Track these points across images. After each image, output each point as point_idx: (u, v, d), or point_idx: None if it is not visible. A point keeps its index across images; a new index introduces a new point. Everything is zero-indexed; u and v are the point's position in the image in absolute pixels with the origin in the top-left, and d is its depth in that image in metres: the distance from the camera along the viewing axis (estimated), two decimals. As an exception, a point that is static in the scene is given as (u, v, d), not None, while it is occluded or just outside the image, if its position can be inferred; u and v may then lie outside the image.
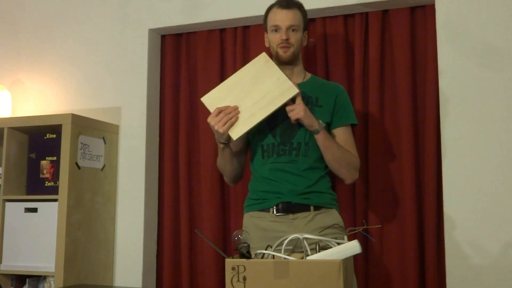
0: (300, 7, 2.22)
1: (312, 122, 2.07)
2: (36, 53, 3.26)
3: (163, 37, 3.13)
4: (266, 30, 2.26)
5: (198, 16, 2.94)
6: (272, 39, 2.19)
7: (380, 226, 2.57)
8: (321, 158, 2.16)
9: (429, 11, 2.61)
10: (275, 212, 2.11)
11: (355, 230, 1.93)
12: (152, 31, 3.05)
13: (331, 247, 1.70)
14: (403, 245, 2.57)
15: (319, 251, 1.64)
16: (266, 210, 2.13)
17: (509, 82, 2.37)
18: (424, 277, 2.53)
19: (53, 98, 3.19)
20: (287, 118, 2.11)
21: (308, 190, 2.12)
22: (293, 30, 2.17)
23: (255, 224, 2.14)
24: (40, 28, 3.28)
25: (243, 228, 2.21)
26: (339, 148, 2.14)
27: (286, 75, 2.13)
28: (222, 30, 3.00)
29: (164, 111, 3.08)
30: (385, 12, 2.72)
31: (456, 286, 2.33)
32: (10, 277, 2.79)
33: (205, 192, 2.92)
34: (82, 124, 2.77)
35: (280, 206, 2.10)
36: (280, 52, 2.17)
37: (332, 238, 1.97)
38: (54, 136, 2.78)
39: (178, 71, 3.09)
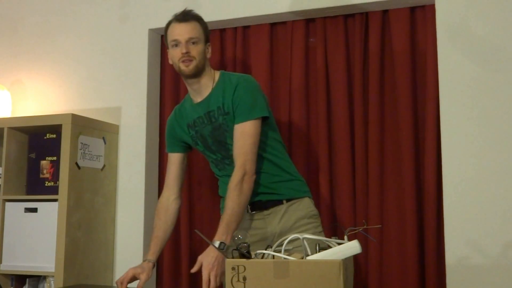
0: (199, 19, 2.18)
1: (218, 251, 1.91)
2: (36, 53, 3.26)
3: (163, 37, 3.13)
4: (167, 47, 2.21)
5: (198, 16, 2.94)
6: (173, 54, 2.14)
7: (380, 226, 2.57)
8: (266, 151, 2.14)
9: (429, 11, 2.61)
10: (250, 211, 2.15)
11: (355, 230, 1.93)
12: (152, 31, 3.05)
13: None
14: (403, 245, 2.57)
15: (319, 251, 1.64)
16: None
17: (509, 82, 2.36)
18: (424, 277, 2.53)
19: (53, 98, 3.19)
20: (215, 136, 2.15)
21: (274, 180, 2.14)
22: (193, 43, 2.12)
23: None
24: (40, 28, 3.27)
25: None
26: (233, 213, 2.00)
27: (196, 91, 2.17)
28: (222, 30, 3.00)
29: (164, 111, 3.08)
30: (385, 12, 2.72)
31: (456, 286, 2.33)
32: (10, 277, 2.79)
33: (205, 192, 2.92)
34: (82, 124, 2.77)
35: (254, 204, 2.14)
36: (182, 66, 2.12)
37: (309, 228, 2.06)
38: (54, 136, 2.78)
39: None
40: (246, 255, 1.60)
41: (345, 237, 1.71)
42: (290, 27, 2.86)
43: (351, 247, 1.62)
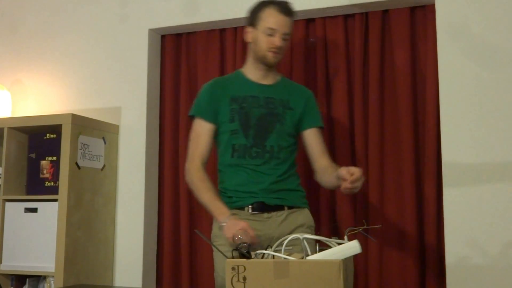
0: (294, 16, 2.22)
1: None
2: (36, 53, 3.26)
3: (163, 37, 3.13)
4: (253, 25, 2.19)
5: (198, 16, 2.94)
6: (264, 40, 2.15)
7: (380, 226, 2.57)
8: (292, 159, 2.22)
9: (429, 11, 2.61)
10: (250, 210, 2.14)
11: (355, 230, 1.93)
12: (152, 31, 3.05)
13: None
14: (403, 245, 2.57)
15: (318, 251, 1.64)
16: (241, 208, 2.14)
17: (509, 82, 2.36)
18: (424, 277, 2.53)
19: (53, 98, 3.19)
20: (261, 120, 2.15)
21: (278, 188, 2.15)
22: (284, 39, 2.16)
23: None
24: (40, 28, 3.28)
25: (214, 225, 2.20)
26: None
27: (261, 76, 2.21)
28: (222, 30, 3.00)
29: (164, 111, 3.08)
30: (385, 12, 2.72)
31: (456, 286, 2.33)
32: (10, 277, 2.79)
33: (205, 192, 2.92)
34: (82, 124, 2.77)
35: (255, 205, 2.13)
36: (270, 56, 2.15)
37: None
38: (54, 136, 2.78)
39: (178, 71, 3.09)
40: (246, 255, 1.60)
41: (345, 237, 1.71)
42: (290, 27, 2.86)
43: (351, 247, 1.62)
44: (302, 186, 2.27)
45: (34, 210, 2.72)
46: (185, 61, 3.07)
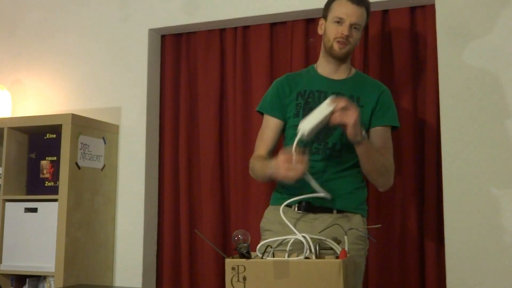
0: (368, 6, 2.12)
1: (357, 132, 1.87)
2: (36, 53, 3.26)
3: (163, 37, 3.13)
4: (324, 18, 2.14)
5: (198, 16, 2.94)
6: (331, 30, 2.07)
7: (379, 226, 2.57)
8: (355, 161, 2.07)
9: (429, 11, 2.61)
10: (296, 209, 2.04)
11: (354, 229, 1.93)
12: (152, 31, 3.05)
13: (331, 248, 1.71)
14: (403, 245, 2.57)
15: (318, 251, 1.64)
16: (289, 206, 2.01)
17: (509, 82, 2.36)
18: (424, 277, 2.53)
19: (53, 98, 3.19)
20: None
21: (329, 188, 1.99)
22: (355, 28, 2.06)
23: (276, 219, 2.02)
24: (40, 28, 3.28)
25: (264, 220, 2.14)
26: (380, 157, 2.02)
27: (331, 70, 2.13)
28: (222, 30, 3.00)
29: (164, 111, 3.08)
30: (385, 12, 2.72)
31: (456, 286, 2.33)
32: (10, 277, 2.79)
33: (205, 192, 2.92)
34: (82, 124, 2.77)
35: (302, 204, 2.03)
36: (336, 46, 2.06)
37: (351, 248, 1.84)
38: (54, 136, 2.78)
39: (178, 71, 3.09)
40: (246, 255, 1.60)
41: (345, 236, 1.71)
42: (290, 27, 2.86)
43: (324, 108, 1.80)
44: (363, 190, 2.13)
45: (34, 210, 2.72)
46: (185, 61, 3.07)
